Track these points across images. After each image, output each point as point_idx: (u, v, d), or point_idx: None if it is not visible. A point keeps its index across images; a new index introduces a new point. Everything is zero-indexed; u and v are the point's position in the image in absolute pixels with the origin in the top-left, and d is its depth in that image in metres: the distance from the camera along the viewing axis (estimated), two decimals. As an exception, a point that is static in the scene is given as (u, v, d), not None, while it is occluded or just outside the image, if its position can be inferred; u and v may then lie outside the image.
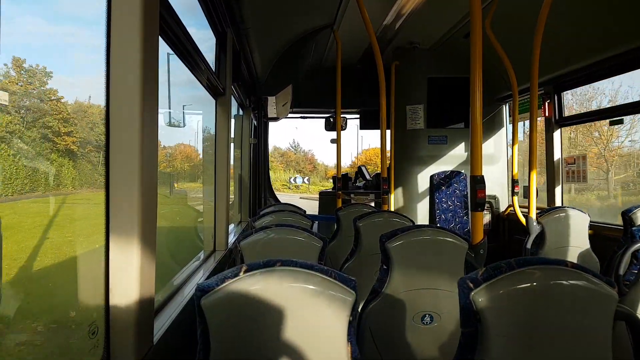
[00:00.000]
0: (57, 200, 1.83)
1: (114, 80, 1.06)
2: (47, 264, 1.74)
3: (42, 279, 1.72)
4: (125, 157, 1.06)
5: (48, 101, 1.83)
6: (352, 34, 4.31)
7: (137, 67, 1.06)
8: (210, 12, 2.43)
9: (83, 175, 2.03)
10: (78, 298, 1.59)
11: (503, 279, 1.01)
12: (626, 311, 1.08)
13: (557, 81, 4.06)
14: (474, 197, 2.18)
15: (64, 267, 1.79)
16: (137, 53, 1.06)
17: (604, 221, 3.60)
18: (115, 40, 1.05)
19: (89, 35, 1.44)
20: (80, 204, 1.91)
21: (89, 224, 1.87)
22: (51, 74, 1.77)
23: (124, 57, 1.05)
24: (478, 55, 2.09)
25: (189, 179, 6.37)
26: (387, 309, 1.72)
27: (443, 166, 5.06)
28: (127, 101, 1.06)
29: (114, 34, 1.05)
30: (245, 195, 4.75)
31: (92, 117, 2.09)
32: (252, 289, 1.04)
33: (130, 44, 1.05)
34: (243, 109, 4.58)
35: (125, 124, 1.06)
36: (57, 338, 1.55)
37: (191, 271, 2.13)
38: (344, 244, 2.90)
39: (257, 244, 1.87)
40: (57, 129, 1.88)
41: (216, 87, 2.55)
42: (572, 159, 4.20)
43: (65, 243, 1.87)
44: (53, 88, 1.82)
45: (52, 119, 1.83)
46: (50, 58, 1.75)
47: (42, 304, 1.62)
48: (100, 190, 1.05)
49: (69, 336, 1.58)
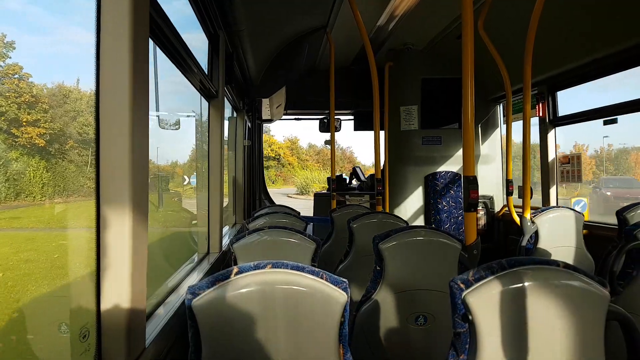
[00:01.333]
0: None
1: (103, 83, 1.05)
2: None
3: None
4: (116, 160, 1.05)
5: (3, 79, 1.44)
6: (346, 36, 4.32)
7: (127, 69, 1.05)
8: (202, 13, 2.42)
9: (61, 180, 1.67)
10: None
11: (494, 280, 1.01)
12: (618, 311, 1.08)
13: (551, 81, 4.09)
14: (466, 198, 2.18)
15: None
16: (127, 55, 1.05)
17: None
18: (105, 42, 1.04)
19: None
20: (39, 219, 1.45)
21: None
22: (13, 45, 1.44)
23: (114, 59, 1.05)
24: (470, 56, 2.10)
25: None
26: (380, 310, 1.72)
27: (437, 167, 5.07)
28: (117, 104, 1.05)
29: (103, 35, 1.04)
30: (239, 197, 4.73)
31: (75, 104, 1.74)
32: (242, 291, 1.03)
33: (120, 46, 1.05)
34: (237, 111, 4.57)
35: (116, 127, 1.05)
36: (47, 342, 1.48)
37: (184, 274, 2.12)
38: (339, 246, 2.89)
39: (250, 246, 1.86)
40: (17, 117, 1.43)
41: (209, 89, 2.54)
42: (567, 158, 4.22)
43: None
44: (17, 63, 1.47)
45: (5, 102, 1.42)
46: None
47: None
48: (85, 199, 1.02)
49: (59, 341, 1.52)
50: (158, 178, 4.08)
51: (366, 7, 3.58)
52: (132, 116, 1.06)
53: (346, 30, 4.13)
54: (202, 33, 2.63)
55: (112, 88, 1.05)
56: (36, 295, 1.41)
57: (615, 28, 3.08)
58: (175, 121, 2.85)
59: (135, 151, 1.08)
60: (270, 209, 3.30)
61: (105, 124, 1.05)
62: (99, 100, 1.05)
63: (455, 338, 1.05)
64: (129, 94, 1.05)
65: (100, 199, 1.05)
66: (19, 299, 1.13)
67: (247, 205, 4.94)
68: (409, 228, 1.79)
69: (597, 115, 3.82)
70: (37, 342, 1.38)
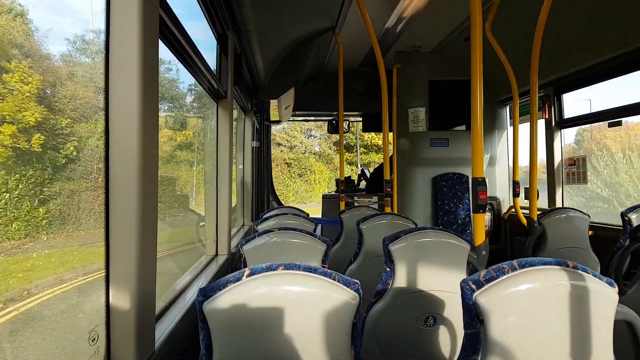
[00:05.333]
0: None
1: (113, 84, 1.05)
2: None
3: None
4: (125, 160, 1.05)
5: None
6: (354, 38, 4.32)
7: (137, 70, 1.05)
8: (211, 14, 2.44)
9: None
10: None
11: (505, 280, 1.00)
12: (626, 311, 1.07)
13: (557, 83, 4.08)
14: (475, 199, 2.18)
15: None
16: (137, 56, 1.05)
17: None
18: (114, 44, 1.05)
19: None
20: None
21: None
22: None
23: (124, 60, 1.05)
24: (479, 58, 2.10)
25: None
26: (390, 311, 1.71)
27: (445, 168, 5.06)
28: (126, 105, 1.05)
29: (113, 36, 1.05)
30: (247, 198, 4.75)
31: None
32: (254, 293, 1.03)
33: (129, 47, 1.05)
34: (245, 112, 4.59)
35: (125, 127, 1.05)
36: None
37: (193, 276, 2.12)
38: (348, 247, 2.89)
39: (259, 248, 1.86)
40: None
41: (217, 90, 2.55)
42: (573, 160, 4.20)
43: None
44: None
45: None
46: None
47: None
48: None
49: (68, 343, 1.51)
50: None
51: (374, 9, 3.58)
52: (142, 117, 1.05)
53: (354, 32, 4.13)
54: (206, 23, 2.61)
55: (121, 89, 1.05)
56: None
57: (620, 30, 3.07)
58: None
59: (145, 152, 1.08)
60: (279, 210, 3.31)
61: (115, 126, 1.05)
62: (109, 101, 1.05)
63: (467, 339, 1.05)
64: (139, 95, 1.05)
65: (109, 199, 1.05)
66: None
67: (255, 206, 4.95)
68: (419, 229, 1.79)
69: (602, 118, 3.80)
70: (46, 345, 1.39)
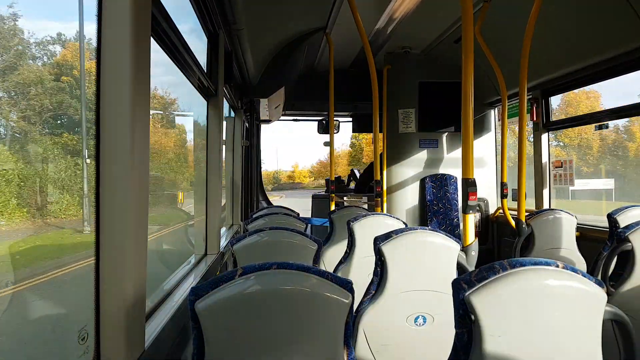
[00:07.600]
0: None
1: (104, 81, 1.03)
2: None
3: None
4: (116, 158, 1.04)
5: None
6: (345, 38, 4.33)
7: (129, 68, 1.04)
8: (202, 12, 2.41)
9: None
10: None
11: (496, 280, 1.01)
12: (614, 311, 1.10)
13: (545, 86, 4.15)
14: (465, 200, 2.20)
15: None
16: (129, 53, 1.04)
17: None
18: (106, 41, 1.03)
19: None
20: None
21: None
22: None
23: (115, 57, 1.03)
24: (470, 59, 2.12)
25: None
26: (381, 311, 1.72)
27: (434, 169, 5.12)
28: (118, 103, 1.04)
29: (104, 34, 1.03)
30: (237, 197, 4.72)
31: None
32: (247, 292, 1.02)
33: (121, 45, 1.03)
34: (235, 111, 4.55)
35: (116, 126, 1.04)
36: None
37: (182, 275, 2.10)
38: (338, 247, 2.89)
39: (250, 247, 1.85)
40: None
41: (208, 88, 2.53)
42: (560, 162, 4.30)
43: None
44: None
45: None
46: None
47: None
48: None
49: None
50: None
51: (365, 10, 3.59)
52: (133, 115, 1.04)
53: (345, 33, 4.14)
54: (200, 29, 2.60)
55: (113, 86, 1.03)
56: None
57: (608, 35, 3.13)
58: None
59: (136, 150, 1.07)
60: (269, 210, 3.30)
61: (105, 123, 1.03)
62: (100, 98, 1.03)
63: (458, 337, 1.05)
64: (130, 92, 1.04)
65: (100, 197, 1.04)
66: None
67: (244, 206, 4.92)
68: (410, 229, 1.80)
69: (589, 121, 3.88)
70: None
